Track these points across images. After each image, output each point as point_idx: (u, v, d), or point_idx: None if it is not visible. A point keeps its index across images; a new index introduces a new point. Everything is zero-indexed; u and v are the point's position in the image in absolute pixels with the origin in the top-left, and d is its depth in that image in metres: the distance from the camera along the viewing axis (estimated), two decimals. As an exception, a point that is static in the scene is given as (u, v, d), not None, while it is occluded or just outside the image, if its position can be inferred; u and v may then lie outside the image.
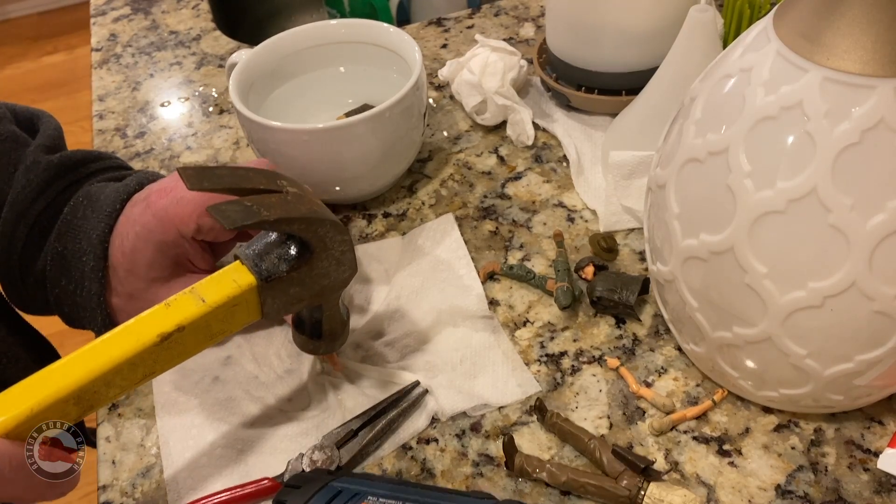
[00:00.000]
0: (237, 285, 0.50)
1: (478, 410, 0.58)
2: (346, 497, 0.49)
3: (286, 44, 0.78)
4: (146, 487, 0.56)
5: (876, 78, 0.42)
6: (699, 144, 0.49)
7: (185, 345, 0.49)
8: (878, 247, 0.43)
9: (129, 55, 1.03)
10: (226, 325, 0.51)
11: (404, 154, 0.74)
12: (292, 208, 0.50)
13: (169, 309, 0.49)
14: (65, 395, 0.45)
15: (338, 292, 0.56)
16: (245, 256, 0.51)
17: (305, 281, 0.52)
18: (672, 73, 0.68)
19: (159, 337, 0.47)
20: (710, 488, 0.53)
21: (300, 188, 0.54)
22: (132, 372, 0.47)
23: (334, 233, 0.52)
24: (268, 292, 0.51)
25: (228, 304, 0.50)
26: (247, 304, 0.51)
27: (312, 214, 0.51)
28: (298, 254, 0.51)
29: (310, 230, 0.51)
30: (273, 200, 0.50)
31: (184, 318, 0.48)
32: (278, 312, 0.53)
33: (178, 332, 0.48)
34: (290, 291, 0.52)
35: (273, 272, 0.51)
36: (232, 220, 0.47)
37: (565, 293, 0.63)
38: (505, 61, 0.81)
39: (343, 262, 0.54)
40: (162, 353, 0.48)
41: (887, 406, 0.56)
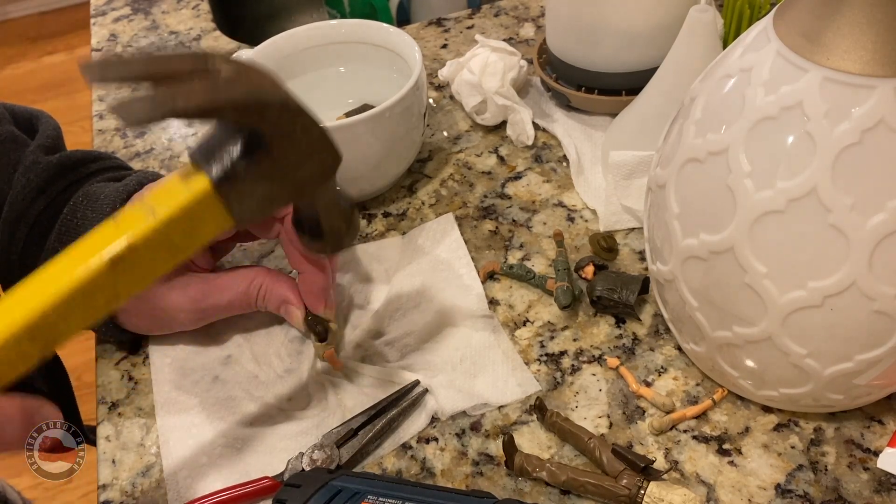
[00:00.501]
0: (190, 191, 0.43)
1: (477, 410, 0.58)
2: (346, 496, 0.49)
3: (286, 44, 0.78)
4: (146, 486, 0.56)
5: (876, 78, 0.42)
6: (699, 144, 0.49)
7: (145, 264, 0.43)
8: (878, 246, 0.44)
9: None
10: (190, 237, 0.44)
11: (404, 154, 0.74)
12: (220, 92, 0.41)
13: (118, 227, 0.42)
14: (15, 333, 0.40)
15: (324, 183, 0.49)
16: (194, 156, 0.44)
17: (272, 175, 0.45)
18: (672, 74, 0.68)
19: (111, 261, 0.41)
20: (709, 487, 0.53)
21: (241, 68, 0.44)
22: (91, 300, 0.42)
23: (290, 116, 0.44)
24: (231, 195, 0.44)
25: (185, 214, 0.43)
26: (210, 211, 0.44)
27: (248, 97, 0.42)
28: (249, 146, 0.43)
29: (251, 117, 0.43)
30: (196, 87, 0.41)
31: (134, 237, 0.42)
32: (252, 215, 0.46)
33: (131, 252, 0.42)
34: (258, 191, 0.45)
35: (227, 172, 0.43)
36: (135, 116, 0.39)
37: (565, 293, 0.63)
38: (505, 61, 0.81)
39: (317, 149, 0.47)
40: (119, 276, 0.42)
41: (887, 405, 0.56)
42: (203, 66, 0.42)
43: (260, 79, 0.45)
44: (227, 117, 0.43)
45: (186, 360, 0.63)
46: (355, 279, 0.68)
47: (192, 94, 0.40)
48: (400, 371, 0.60)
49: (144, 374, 0.63)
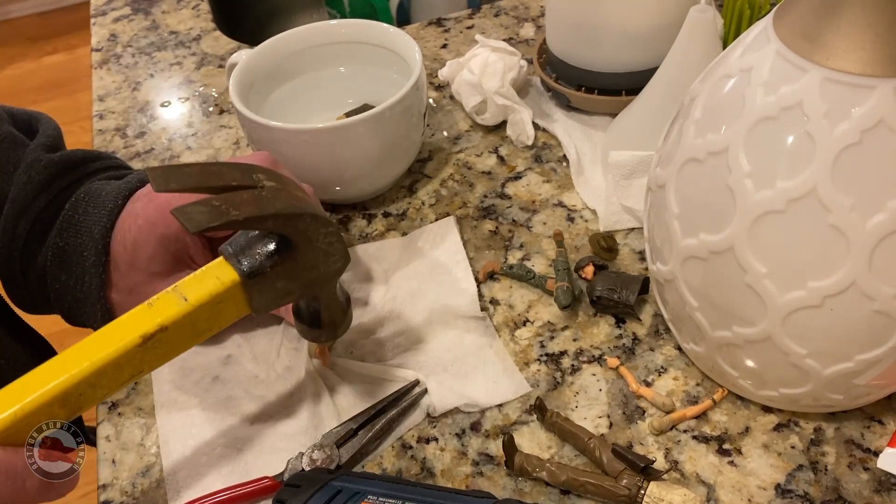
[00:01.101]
0: (220, 282, 0.49)
1: (470, 408, 0.58)
2: (346, 496, 0.49)
3: (286, 44, 0.78)
4: (146, 486, 0.56)
5: (875, 78, 0.42)
6: (699, 144, 0.49)
7: (170, 343, 0.48)
8: (877, 246, 0.43)
9: (130, 55, 1.03)
10: (212, 322, 0.50)
11: (404, 154, 0.74)
12: (266, 205, 0.48)
13: (151, 309, 0.48)
14: (49, 399, 0.45)
15: (331, 282, 0.54)
16: (227, 253, 0.50)
17: (292, 274, 0.51)
18: (672, 74, 0.68)
19: (142, 338, 0.47)
20: (709, 487, 0.53)
21: (280, 181, 0.52)
22: (118, 373, 0.47)
23: (316, 226, 0.50)
24: (253, 288, 0.50)
25: (212, 302, 0.49)
26: (233, 301, 0.50)
27: (288, 210, 0.49)
28: (279, 249, 0.50)
29: (287, 226, 0.49)
30: (245, 198, 0.48)
31: (166, 318, 0.47)
32: (268, 306, 0.51)
33: (161, 332, 0.47)
34: (278, 286, 0.51)
35: (256, 268, 0.49)
36: (196, 223, 0.45)
37: (565, 293, 0.63)
38: (505, 61, 0.81)
39: (332, 254, 0.52)
40: (147, 353, 0.47)
41: (887, 405, 0.56)
42: (249, 180, 0.50)
43: (296, 191, 0.52)
44: (268, 226, 0.49)
45: (186, 360, 0.63)
46: (355, 279, 0.68)
47: (242, 206, 0.47)
48: (400, 370, 0.60)
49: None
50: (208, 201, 0.46)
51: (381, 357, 0.62)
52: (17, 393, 0.45)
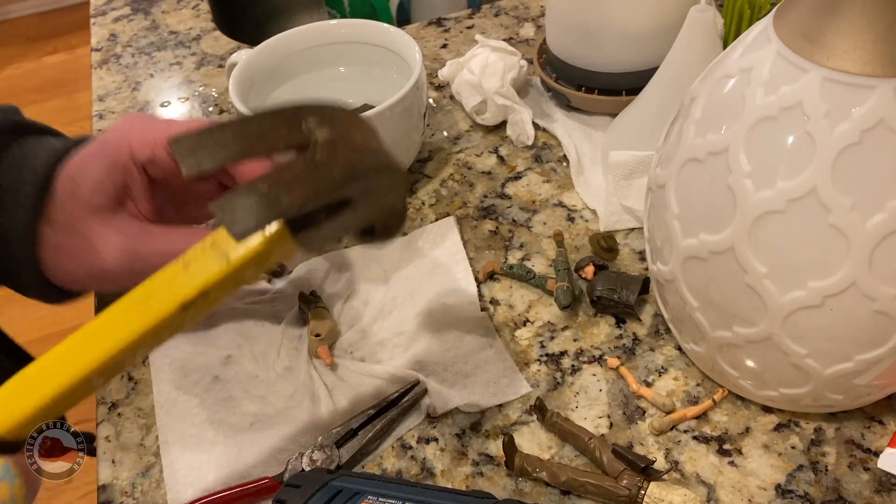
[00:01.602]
0: (265, 237, 0.42)
1: (471, 408, 0.58)
2: (346, 496, 0.49)
3: (286, 44, 0.78)
4: (146, 487, 0.56)
5: (876, 78, 0.42)
6: (699, 144, 0.49)
7: (213, 301, 0.43)
8: (878, 246, 0.43)
9: (129, 55, 1.03)
10: (257, 272, 0.44)
11: (404, 154, 0.74)
12: (321, 179, 0.40)
13: (188, 271, 0.42)
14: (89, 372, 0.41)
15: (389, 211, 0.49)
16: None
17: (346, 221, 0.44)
18: (672, 74, 0.68)
19: (182, 305, 0.42)
20: (710, 488, 0.53)
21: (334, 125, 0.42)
22: (157, 338, 0.43)
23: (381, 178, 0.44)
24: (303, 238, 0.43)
25: (258, 257, 0.42)
26: (280, 247, 0.43)
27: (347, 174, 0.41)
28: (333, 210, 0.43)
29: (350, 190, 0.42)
30: (297, 172, 0.40)
31: (207, 281, 0.42)
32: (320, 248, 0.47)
33: (202, 297, 0.42)
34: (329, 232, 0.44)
35: (305, 223, 0.43)
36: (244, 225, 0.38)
37: (565, 293, 0.63)
38: (505, 61, 0.81)
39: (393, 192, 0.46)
40: (188, 316, 0.43)
41: (887, 405, 0.56)
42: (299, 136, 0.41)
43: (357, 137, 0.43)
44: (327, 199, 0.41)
45: (186, 361, 0.63)
46: (355, 279, 0.68)
47: (295, 189, 0.39)
48: (399, 369, 0.60)
49: (144, 375, 0.63)
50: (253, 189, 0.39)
51: (381, 357, 0.62)
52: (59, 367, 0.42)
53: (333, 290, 0.67)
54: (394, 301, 0.66)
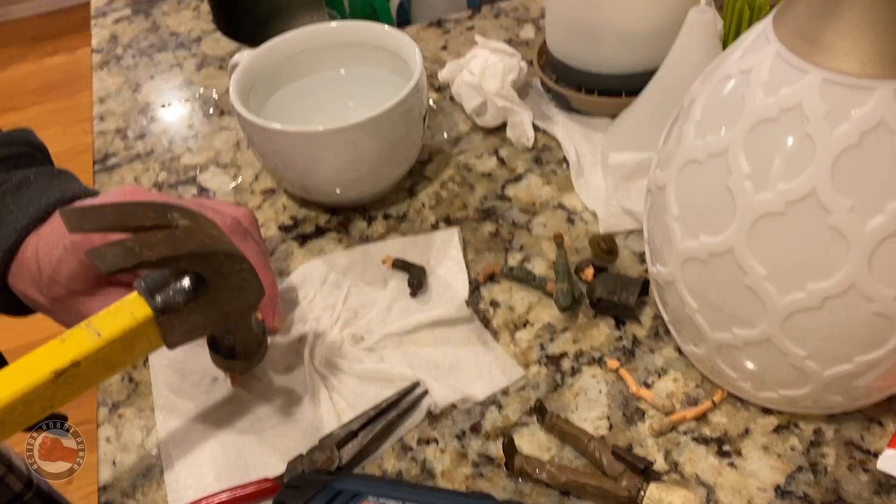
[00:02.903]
0: (133, 318, 0.49)
1: (467, 403, 0.58)
2: (346, 498, 0.49)
3: (287, 46, 0.78)
4: (146, 488, 0.56)
5: (875, 79, 0.42)
6: (699, 146, 0.49)
7: (83, 378, 0.48)
8: (877, 248, 0.44)
9: (130, 57, 1.03)
10: (126, 356, 0.50)
11: (405, 156, 0.74)
12: (179, 244, 0.48)
13: (64, 344, 0.47)
14: None
15: (245, 316, 0.55)
16: (141, 288, 0.50)
17: (205, 310, 0.51)
18: (672, 75, 0.68)
19: (54, 373, 0.46)
20: (709, 489, 0.53)
21: (195, 219, 0.52)
22: (28, 408, 0.46)
23: (230, 263, 0.51)
24: (167, 323, 0.50)
25: (125, 337, 0.49)
26: (146, 336, 0.50)
27: (201, 249, 0.49)
28: (194, 286, 0.50)
29: (200, 264, 0.49)
30: (159, 238, 0.48)
31: (79, 354, 0.47)
32: (182, 341, 0.52)
33: (74, 367, 0.47)
34: (191, 320, 0.51)
35: (169, 304, 0.49)
36: (110, 264, 0.45)
37: (565, 295, 0.63)
38: (505, 63, 0.81)
39: (245, 289, 0.53)
40: (59, 388, 0.47)
41: (887, 407, 0.56)
42: (164, 220, 0.50)
43: (211, 229, 0.52)
44: (182, 265, 0.49)
45: (185, 362, 0.63)
46: (352, 282, 0.68)
47: (155, 246, 0.47)
48: (399, 370, 0.60)
49: (145, 376, 0.63)
50: (123, 242, 0.47)
51: (379, 359, 0.62)
52: None
53: (332, 292, 0.67)
54: (391, 304, 0.66)
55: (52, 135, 2.48)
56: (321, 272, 0.69)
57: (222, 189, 0.80)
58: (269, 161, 0.72)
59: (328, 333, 0.64)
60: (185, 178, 0.82)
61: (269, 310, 0.61)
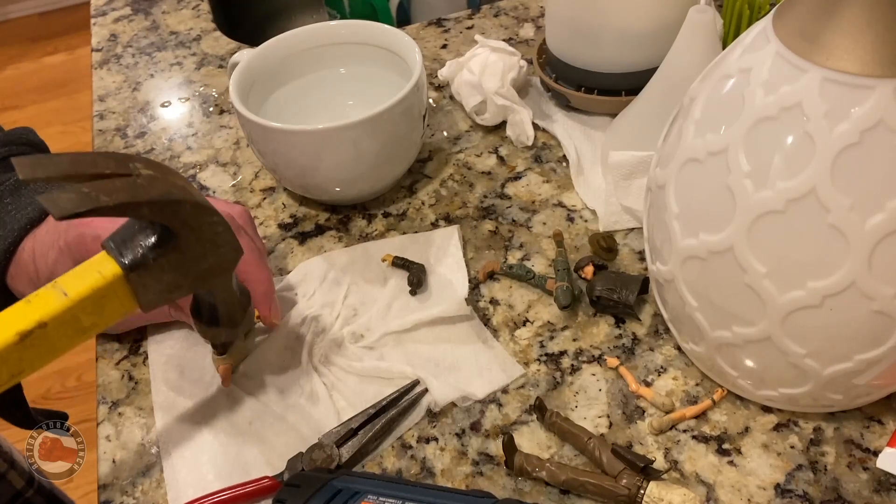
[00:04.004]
0: (101, 276, 0.46)
1: (467, 402, 0.58)
2: (346, 496, 0.49)
3: (287, 45, 0.78)
4: (146, 486, 0.56)
5: (875, 78, 0.42)
6: (699, 145, 0.49)
7: (51, 341, 0.46)
8: (877, 246, 0.44)
9: (130, 55, 1.03)
10: (97, 317, 0.47)
11: (404, 154, 0.74)
12: (140, 191, 0.45)
13: (29, 305, 0.45)
14: None
15: (224, 275, 0.53)
16: (108, 246, 0.48)
17: (178, 267, 0.49)
18: (671, 74, 0.68)
19: (19, 335, 0.44)
20: (709, 487, 0.53)
21: (159, 169, 0.49)
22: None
23: (198, 213, 0.48)
24: (137, 281, 0.47)
25: (95, 297, 0.46)
26: (117, 295, 0.47)
27: (164, 196, 0.46)
28: (161, 239, 0.47)
29: (165, 214, 0.46)
30: (117, 185, 0.45)
31: (45, 314, 0.45)
32: (156, 301, 0.49)
33: (40, 328, 0.45)
34: (164, 279, 0.48)
35: (138, 260, 0.47)
36: (61, 208, 0.42)
37: (565, 293, 0.63)
38: (505, 62, 0.81)
39: (220, 244, 0.50)
40: (26, 351, 0.45)
41: (886, 405, 0.56)
42: (125, 169, 0.47)
43: (175, 180, 0.49)
44: (144, 214, 0.46)
45: (185, 360, 0.63)
46: (352, 280, 0.68)
47: (114, 192, 0.44)
48: (399, 369, 0.60)
49: (145, 374, 0.63)
50: (78, 187, 0.44)
51: (379, 357, 0.62)
52: None
53: (331, 290, 0.67)
54: (390, 302, 0.66)
55: (52, 134, 2.48)
56: (321, 270, 0.69)
57: (222, 187, 0.80)
58: (269, 160, 0.72)
59: (328, 331, 0.64)
60: (184, 177, 0.82)
61: (266, 305, 0.61)
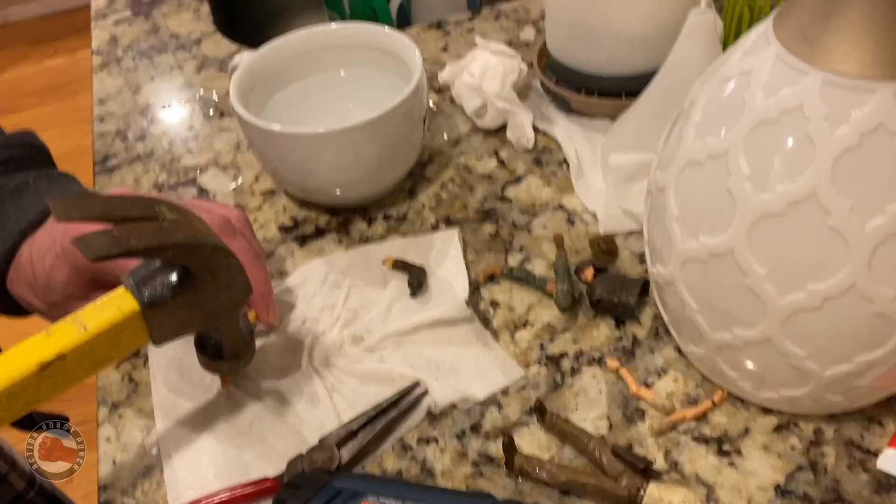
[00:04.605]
0: (120, 311, 0.49)
1: (467, 403, 0.58)
2: (346, 497, 0.49)
3: (287, 47, 0.78)
4: (146, 487, 0.56)
5: (875, 81, 0.42)
6: (699, 147, 0.49)
7: (68, 372, 0.48)
8: (877, 249, 0.44)
9: (130, 58, 1.03)
10: (112, 350, 0.50)
11: (405, 157, 0.74)
12: (166, 235, 0.49)
13: (50, 337, 0.47)
14: None
15: (233, 314, 0.55)
16: (128, 283, 0.50)
17: (192, 305, 0.51)
18: (672, 76, 0.68)
19: (39, 366, 0.46)
20: (709, 488, 0.53)
21: (182, 214, 0.52)
22: (12, 402, 0.46)
23: (218, 257, 0.51)
24: (153, 318, 0.50)
25: (112, 331, 0.49)
26: (133, 330, 0.50)
27: (188, 240, 0.49)
28: (180, 279, 0.50)
29: (188, 256, 0.50)
30: (145, 228, 0.49)
31: (64, 346, 0.47)
32: (168, 337, 0.52)
33: (59, 360, 0.47)
34: (178, 316, 0.51)
35: (156, 298, 0.49)
36: (95, 251, 0.45)
37: (565, 295, 0.63)
38: (505, 64, 0.81)
39: (233, 285, 0.53)
40: (44, 381, 0.47)
41: (887, 407, 0.56)
42: (151, 212, 0.50)
43: (198, 224, 0.52)
44: (168, 256, 0.49)
45: (185, 361, 0.63)
46: (352, 282, 0.68)
47: (143, 237, 0.47)
48: (399, 370, 0.60)
49: (145, 376, 0.63)
50: (109, 231, 0.47)
51: (379, 359, 0.62)
52: None
53: (331, 293, 0.67)
54: (391, 304, 0.66)
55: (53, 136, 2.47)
56: (321, 272, 0.69)
57: (222, 190, 0.80)
58: (269, 162, 0.72)
59: (328, 333, 0.64)
60: (185, 180, 0.82)
61: (263, 306, 0.61)
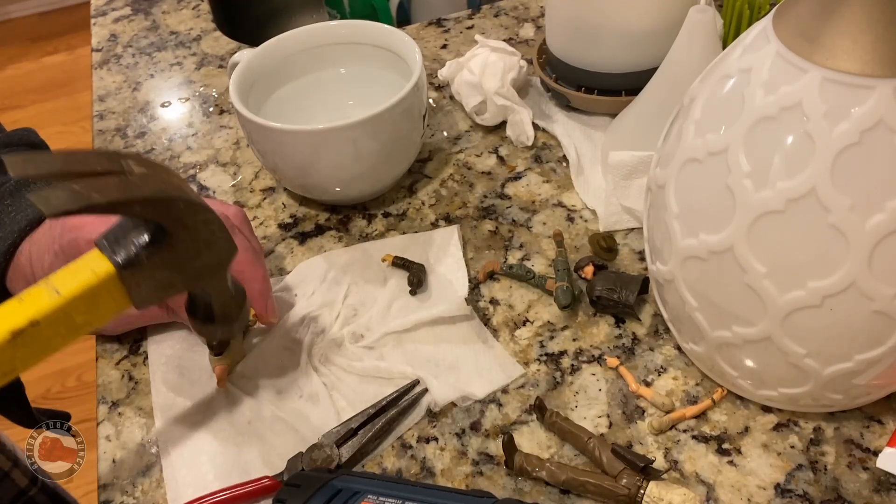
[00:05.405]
0: (94, 273, 0.46)
1: (467, 402, 0.58)
2: (346, 496, 0.49)
3: (287, 45, 0.78)
4: (146, 486, 0.56)
5: (875, 78, 0.42)
6: (699, 145, 0.49)
7: (44, 339, 0.45)
8: (877, 247, 0.44)
9: (130, 55, 1.03)
10: (91, 315, 0.47)
11: (404, 154, 0.74)
12: (132, 189, 0.45)
13: (21, 303, 0.45)
14: None
15: (218, 273, 0.52)
16: (100, 244, 0.47)
17: (172, 265, 0.48)
18: (672, 74, 0.68)
19: (11, 334, 0.44)
20: (709, 487, 0.53)
21: (151, 167, 0.48)
22: None
23: (192, 211, 0.48)
24: (131, 279, 0.47)
25: (87, 295, 0.46)
26: (110, 293, 0.47)
27: (157, 195, 0.46)
28: (154, 237, 0.47)
29: (159, 212, 0.46)
30: (109, 183, 0.45)
31: (37, 312, 0.44)
32: (150, 299, 0.49)
33: (33, 326, 0.44)
34: (158, 276, 0.48)
35: (131, 258, 0.46)
36: (53, 206, 0.42)
37: (565, 293, 0.63)
38: (505, 62, 0.81)
39: (214, 242, 0.50)
40: (18, 350, 0.44)
41: (886, 405, 0.56)
42: (117, 166, 0.46)
43: (168, 177, 0.49)
44: (136, 212, 0.46)
45: (184, 360, 0.63)
46: (352, 280, 0.68)
47: (105, 190, 0.44)
48: (399, 368, 0.60)
49: (144, 374, 0.63)
50: (69, 185, 0.43)
51: (378, 357, 0.62)
52: None
53: (331, 290, 0.67)
54: (390, 302, 0.66)
55: (52, 133, 2.48)
56: (321, 270, 0.69)
57: (222, 187, 0.80)
58: (269, 159, 0.72)
59: (328, 331, 0.64)
60: (184, 177, 0.82)
61: (262, 304, 0.61)
